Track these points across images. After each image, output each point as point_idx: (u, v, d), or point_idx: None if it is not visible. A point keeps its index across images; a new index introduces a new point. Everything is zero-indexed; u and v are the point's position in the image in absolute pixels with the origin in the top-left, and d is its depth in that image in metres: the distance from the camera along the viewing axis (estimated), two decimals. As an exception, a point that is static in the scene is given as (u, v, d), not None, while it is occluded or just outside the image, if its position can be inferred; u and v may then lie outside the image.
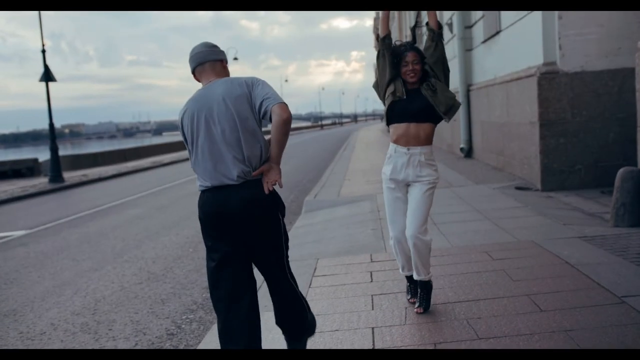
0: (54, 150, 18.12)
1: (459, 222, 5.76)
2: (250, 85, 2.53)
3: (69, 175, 20.02)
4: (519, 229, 5.16)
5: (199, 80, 2.65)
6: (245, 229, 2.50)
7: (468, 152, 12.26)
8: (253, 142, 2.48)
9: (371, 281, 3.99)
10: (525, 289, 3.46)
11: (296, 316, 2.68)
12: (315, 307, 3.59)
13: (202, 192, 2.56)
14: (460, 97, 12.28)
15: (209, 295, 4.72)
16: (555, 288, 3.42)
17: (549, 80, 7.27)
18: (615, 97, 7.28)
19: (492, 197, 7.09)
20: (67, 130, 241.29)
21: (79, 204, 12.62)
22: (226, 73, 2.67)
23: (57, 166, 18.25)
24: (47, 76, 18.18)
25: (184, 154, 31.84)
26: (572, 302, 3.18)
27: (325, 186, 10.46)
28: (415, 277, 3.40)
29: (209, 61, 2.61)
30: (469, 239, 4.96)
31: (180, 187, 14.57)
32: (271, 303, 2.72)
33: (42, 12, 17.39)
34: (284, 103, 2.46)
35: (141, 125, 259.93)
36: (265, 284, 2.77)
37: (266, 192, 2.50)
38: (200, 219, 2.58)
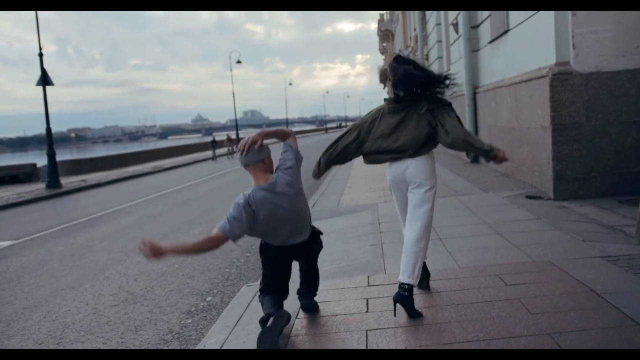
0: (51, 156, 17.74)
1: (466, 237, 5.25)
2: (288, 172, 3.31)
3: (68, 181, 19.65)
4: (534, 245, 4.65)
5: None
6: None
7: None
8: (305, 207, 3.45)
9: (367, 311, 3.49)
10: (547, 326, 2.93)
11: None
12: (300, 346, 3.11)
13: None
14: (466, 100, 11.79)
15: (187, 322, 4.30)
16: (581, 325, 2.90)
17: (561, 81, 6.76)
18: (633, 99, 6.76)
19: (502, 208, 6.58)
20: (73, 134, 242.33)
21: (73, 211, 12.21)
22: (268, 168, 3.21)
23: (54, 172, 17.87)
24: (45, 80, 17.82)
25: (185, 158, 31.48)
26: (604, 345, 2.66)
27: (325, 194, 9.97)
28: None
29: (251, 164, 3.14)
30: (478, 257, 4.46)
31: (176, 193, 14.14)
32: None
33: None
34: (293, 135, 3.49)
35: (146, 129, 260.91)
36: None
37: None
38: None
